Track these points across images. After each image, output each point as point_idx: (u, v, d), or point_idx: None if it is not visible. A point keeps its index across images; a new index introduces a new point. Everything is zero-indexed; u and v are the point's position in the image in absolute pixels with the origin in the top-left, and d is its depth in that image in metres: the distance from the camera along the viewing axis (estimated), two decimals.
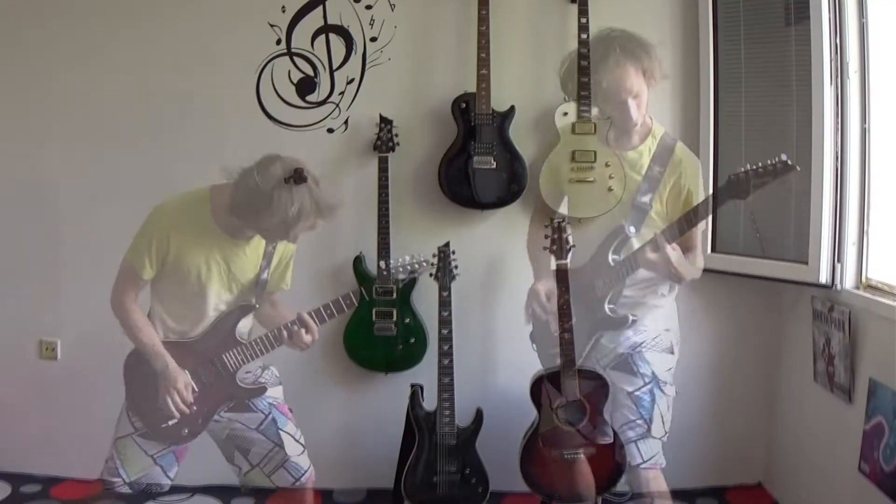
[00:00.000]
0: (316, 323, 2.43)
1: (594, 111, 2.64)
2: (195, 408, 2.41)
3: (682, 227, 2.39)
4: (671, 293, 2.60)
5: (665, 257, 2.36)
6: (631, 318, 2.50)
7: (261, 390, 2.51)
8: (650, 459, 2.52)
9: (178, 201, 2.40)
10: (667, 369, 2.55)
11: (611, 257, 2.47)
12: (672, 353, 2.58)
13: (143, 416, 2.43)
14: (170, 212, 2.37)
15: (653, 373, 2.51)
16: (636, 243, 2.48)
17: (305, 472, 2.57)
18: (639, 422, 2.51)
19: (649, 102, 2.52)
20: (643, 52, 2.44)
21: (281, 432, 2.53)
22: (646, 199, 2.48)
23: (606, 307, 2.50)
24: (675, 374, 2.62)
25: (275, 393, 2.58)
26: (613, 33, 2.50)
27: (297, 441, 2.57)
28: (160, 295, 2.46)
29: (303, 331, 2.42)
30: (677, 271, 2.39)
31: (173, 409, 2.37)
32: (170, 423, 2.41)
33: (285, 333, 2.42)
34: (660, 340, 2.56)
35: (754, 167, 2.29)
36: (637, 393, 2.51)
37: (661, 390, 2.52)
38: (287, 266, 2.56)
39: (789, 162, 2.27)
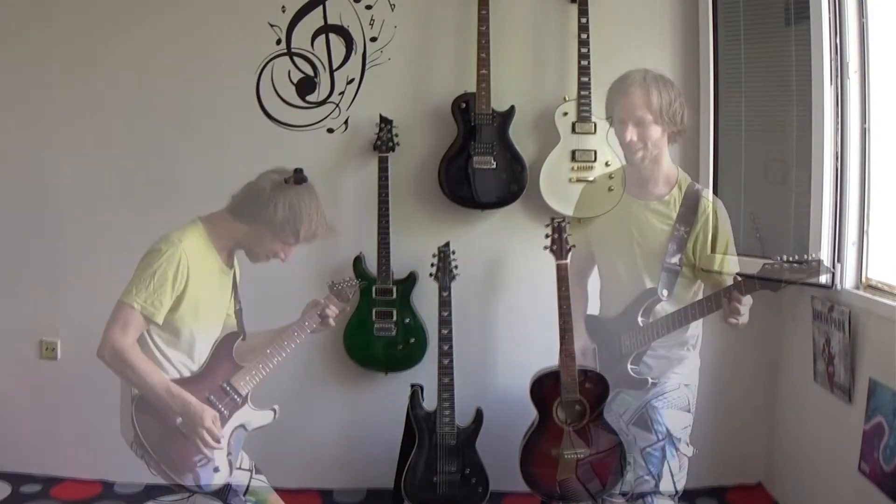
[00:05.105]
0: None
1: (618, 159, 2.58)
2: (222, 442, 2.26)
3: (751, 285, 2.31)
4: (696, 347, 2.55)
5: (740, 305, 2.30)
6: (650, 381, 2.47)
7: (270, 414, 2.41)
8: None
9: (179, 235, 2.24)
10: (682, 427, 2.51)
11: (640, 319, 2.46)
12: (688, 411, 2.53)
13: (170, 461, 2.22)
14: (179, 245, 2.20)
15: (667, 430, 2.47)
16: (668, 307, 2.45)
17: None
18: (646, 477, 2.47)
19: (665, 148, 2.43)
20: (662, 89, 2.35)
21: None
22: (675, 259, 2.44)
23: (629, 367, 2.49)
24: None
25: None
26: (641, 73, 2.39)
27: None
28: (160, 334, 2.27)
29: (329, 307, 2.40)
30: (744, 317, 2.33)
31: (206, 450, 2.21)
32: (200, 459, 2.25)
33: (313, 320, 2.39)
34: (677, 397, 2.51)
35: (790, 260, 2.25)
36: (649, 449, 2.48)
37: (674, 448, 2.47)
38: None
39: (825, 262, 2.28)
